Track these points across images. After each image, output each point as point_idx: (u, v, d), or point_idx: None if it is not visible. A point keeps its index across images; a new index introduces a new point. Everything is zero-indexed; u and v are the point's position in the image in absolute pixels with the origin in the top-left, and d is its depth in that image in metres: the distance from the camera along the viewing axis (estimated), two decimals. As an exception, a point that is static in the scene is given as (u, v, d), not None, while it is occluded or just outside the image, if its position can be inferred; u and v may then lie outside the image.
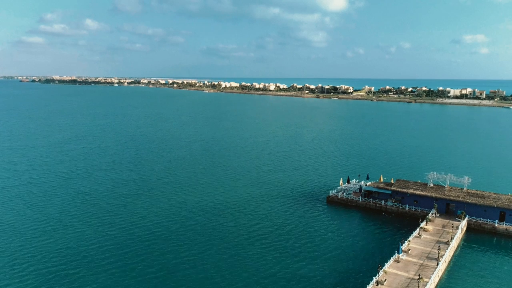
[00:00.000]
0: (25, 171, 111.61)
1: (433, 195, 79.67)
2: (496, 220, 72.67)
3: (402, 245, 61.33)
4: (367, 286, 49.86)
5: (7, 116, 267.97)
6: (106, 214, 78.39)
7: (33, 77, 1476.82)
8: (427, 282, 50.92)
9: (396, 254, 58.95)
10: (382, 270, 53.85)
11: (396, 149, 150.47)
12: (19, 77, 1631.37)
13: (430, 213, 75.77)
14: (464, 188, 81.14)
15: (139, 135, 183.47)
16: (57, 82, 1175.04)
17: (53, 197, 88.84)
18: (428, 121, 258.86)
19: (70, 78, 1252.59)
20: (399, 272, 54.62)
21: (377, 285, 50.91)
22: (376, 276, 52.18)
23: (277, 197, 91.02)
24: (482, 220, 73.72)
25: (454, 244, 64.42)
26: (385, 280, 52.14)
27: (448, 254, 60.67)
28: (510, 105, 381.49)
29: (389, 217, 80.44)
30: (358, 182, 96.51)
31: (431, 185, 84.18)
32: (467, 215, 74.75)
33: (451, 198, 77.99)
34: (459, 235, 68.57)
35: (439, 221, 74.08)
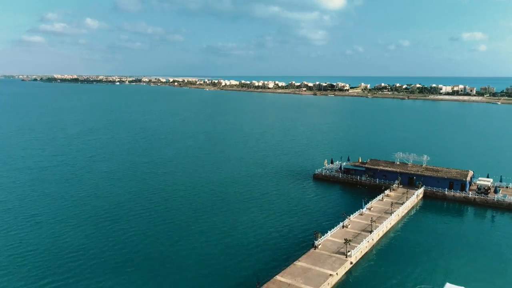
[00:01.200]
0: (54, 156, 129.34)
1: (398, 170, 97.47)
2: (446, 189, 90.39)
3: (365, 204, 79.16)
4: (335, 227, 67.56)
5: (21, 112, 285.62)
6: (130, 186, 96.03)
7: (33, 76, 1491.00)
8: (378, 226, 68.71)
9: (361, 209, 76.75)
10: (347, 218, 71.61)
11: (376, 137, 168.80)
12: (20, 76, 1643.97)
13: (394, 184, 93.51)
14: (423, 165, 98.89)
15: (147, 128, 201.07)
16: (59, 81, 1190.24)
17: (84, 174, 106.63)
18: (412, 115, 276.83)
19: (71, 77, 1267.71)
20: (361, 221, 72.33)
21: (342, 228, 68.69)
22: (342, 222, 69.96)
23: (270, 174, 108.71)
24: (435, 189, 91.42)
25: (408, 204, 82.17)
26: (349, 224, 69.90)
27: (401, 210, 78.40)
28: (497, 101, 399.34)
29: (363, 189, 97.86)
30: (341, 163, 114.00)
31: (398, 162, 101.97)
32: (424, 185, 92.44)
33: (412, 172, 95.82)
34: (414, 199, 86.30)
35: (401, 190, 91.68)
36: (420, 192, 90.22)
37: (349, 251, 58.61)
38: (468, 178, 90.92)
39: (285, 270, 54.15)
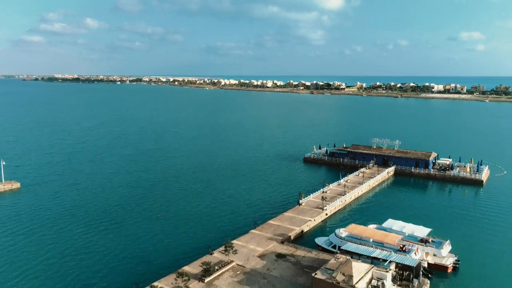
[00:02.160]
0: (75, 144, 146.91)
1: (374, 152, 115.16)
2: (413, 167, 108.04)
3: (343, 177, 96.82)
4: (315, 193, 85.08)
5: (33, 109, 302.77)
6: (146, 165, 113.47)
7: (34, 76, 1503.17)
8: (350, 191, 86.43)
9: (339, 181, 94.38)
10: (327, 186, 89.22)
11: (361, 128, 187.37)
12: (21, 76, 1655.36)
13: (370, 163, 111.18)
14: (395, 148, 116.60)
15: (154, 122, 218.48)
16: (60, 80, 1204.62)
17: (106, 157, 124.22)
18: (400, 110, 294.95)
19: (72, 77, 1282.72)
20: (338, 189, 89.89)
21: (322, 192, 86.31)
22: (323, 188, 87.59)
23: (266, 158, 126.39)
24: (404, 167, 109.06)
25: (378, 177, 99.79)
26: (328, 190, 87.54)
27: (372, 182, 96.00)
28: (486, 99, 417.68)
29: (345, 168, 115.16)
30: (327, 148, 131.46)
31: (374, 146, 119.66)
32: (395, 164, 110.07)
33: (386, 154, 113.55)
34: (385, 174, 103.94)
35: (375, 168, 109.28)
36: (391, 169, 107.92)
37: (325, 206, 76.22)
38: (431, 158, 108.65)
39: (276, 217, 71.69)
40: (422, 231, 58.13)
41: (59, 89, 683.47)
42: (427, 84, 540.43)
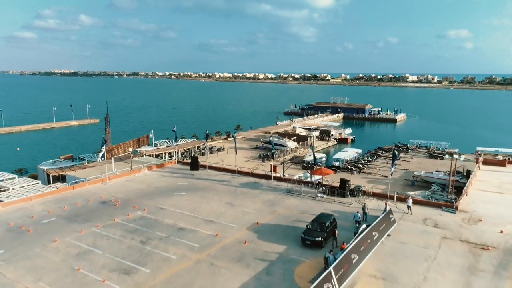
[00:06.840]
0: (116, 105, 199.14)
1: (330, 106, 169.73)
2: (354, 113, 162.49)
3: (306, 116, 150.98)
4: (287, 120, 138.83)
5: (55, 93, 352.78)
6: (174, 114, 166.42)
7: (27, 71, 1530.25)
8: (309, 121, 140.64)
9: (303, 117, 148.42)
10: (295, 118, 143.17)
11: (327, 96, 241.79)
12: (15, 71, 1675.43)
13: (326, 112, 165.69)
14: (345, 102, 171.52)
15: (170, 98, 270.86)
16: (58, 75, 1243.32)
17: (144, 110, 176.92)
18: (368, 93, 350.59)
19: (70, 71, 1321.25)
20: (302, 121, 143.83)
21: (290, 120, 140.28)
22: (291, 119, 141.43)
23: (258, 111, 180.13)
24: (349, 114, 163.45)
25: (329, 117, 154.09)
26: (294, 121, 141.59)
27: (324, 118, 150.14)
28: (451, 86, 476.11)
29: (310, 116, 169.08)
30: (300, 105, 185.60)
31: (332, 102, 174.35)
32: (344, 112, 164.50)
33: (337, 106, 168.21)
34: (335, 117, 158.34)
35: (330, 114, 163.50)
36: (340, 115, 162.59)
37: (294, 126, 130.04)
38: (367, 108, 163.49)
39: (262, 127, 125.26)
40: (337, 124, 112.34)
41: (65, 82, 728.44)
42: (403, 75, 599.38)
